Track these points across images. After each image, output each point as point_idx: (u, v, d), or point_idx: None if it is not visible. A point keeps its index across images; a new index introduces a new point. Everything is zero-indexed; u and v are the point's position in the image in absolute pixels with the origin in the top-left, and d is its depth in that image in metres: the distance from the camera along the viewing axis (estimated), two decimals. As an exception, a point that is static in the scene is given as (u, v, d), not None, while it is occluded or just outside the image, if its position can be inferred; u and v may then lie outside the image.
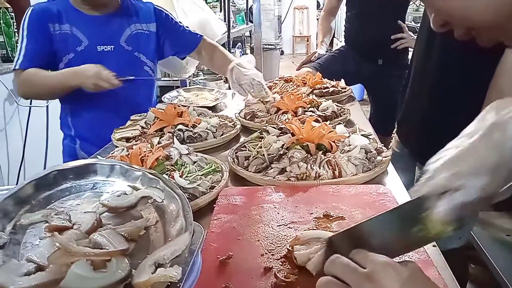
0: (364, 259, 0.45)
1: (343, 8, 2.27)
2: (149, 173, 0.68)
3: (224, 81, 4.55)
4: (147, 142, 1.02)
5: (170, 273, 0.44)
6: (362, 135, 1.05)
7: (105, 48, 1.41)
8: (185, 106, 1.39)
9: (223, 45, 4.88)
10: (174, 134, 1.16)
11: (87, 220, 0.57)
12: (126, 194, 0.65)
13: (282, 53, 7.90)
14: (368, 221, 0.51)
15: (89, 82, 1.28)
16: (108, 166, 0.70)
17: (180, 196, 0.61)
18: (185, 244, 0.50)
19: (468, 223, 1.16)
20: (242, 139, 1.27)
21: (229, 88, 1.72)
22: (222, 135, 1.24)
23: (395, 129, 1.53)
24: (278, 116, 1.36)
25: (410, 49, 2.11)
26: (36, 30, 1.35)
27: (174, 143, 1.00)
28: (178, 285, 0.45)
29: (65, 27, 1.37)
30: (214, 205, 0.80)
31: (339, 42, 3.71)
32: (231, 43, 4.88)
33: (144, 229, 0.57)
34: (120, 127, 1.30)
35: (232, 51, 4.98)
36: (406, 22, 2.08)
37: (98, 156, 0.99)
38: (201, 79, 4.39)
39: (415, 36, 2.01)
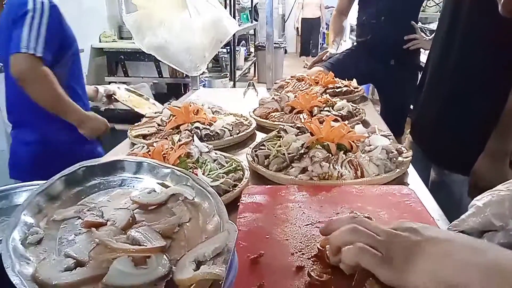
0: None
1: (354, 8, 2.28)
2: (178, 170, 0.68)
3: (229, 79, 4.56)
4: (168, 139, 1.02)
5: (214, 271, 0.44)
6: (382, 135, 1.06)
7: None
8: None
9: (227, 44, 4.90)
10: (192, 132, 1.17)
11: (121, 217, 0.57)
12: (156, 191, 0.65)
13: (285, 52, 7.92)
14: None
15: (96, 130, 1.39)
16: (135, 163, 0.70)
17: (213, 194, 0.61)
18: (225, 242, 0.50)
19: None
20: (257, 137, 1.28)
21: (234, 86, 1.72)
22: (238, 133, 1.25)
23: (409, 130, 1.53)
24: (293, 115, 1.37)
25: (421, 50, 2.11)
26: (57, 24, 1.39)
27: (194, 141, 1.01)
28: (220, 282, 0.45)
29: None
30: (238, 204, 0.80)
31: (343, 42, 3.70)
32: (236, 41, 4.90)
33: (178, 226, 0.57)
34: (135, 124, 1.30)
35: (237, 48, 5.01)
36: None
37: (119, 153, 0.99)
38: (206, 77, 4.40)
39: (428, 37, 2.03)
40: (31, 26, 1.34)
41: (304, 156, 0.96)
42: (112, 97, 1.95)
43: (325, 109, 1.38)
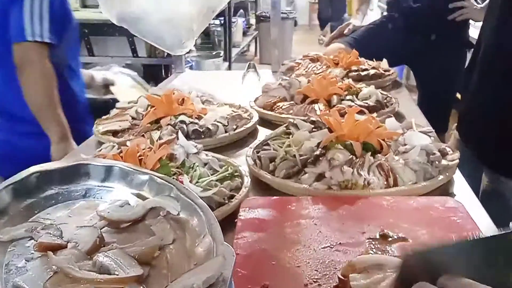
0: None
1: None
2: (158, 177, 0.68)
3: (223, 59, 4.56)
4: (145, 137, 1.02)
5: (206, 308, 0.44)
6: (420, 131, 1.06)
7: None
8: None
9: (221, 13, 4.91)
10: (176, 127, 1.17)
11: (86, 237, 0.57)
12: (130, 204, 0.65)
13: (295, 24, 7.91)
14: (456, 244, 0.51)
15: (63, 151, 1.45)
16: (103, 168, 0.70)
17: (203, 208, 0.60)
18: (219, 270, 0.50)
19: None
20: (261, 134, 1.28)
21: (229, 68, 1.72)
22: (235, 129, 1.25)
23: (455, 125, 1.53)
24: (306, 106, 1.37)
25: (471, 21, 2.11)
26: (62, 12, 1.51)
27: (178, 139, 1.01)
28: (214, 322, 0.45)
29: None
30: (236, 220, 0.80)
31: (370, 11, 3.70)
32: (232, 10, 4.91)
33: (159, 249, 0.57)
34: (103, 117, 1.31)
35: (233, 20, 5.02)
36: None
37: (82, 154, 0.99)
38: (193, 56, 4.41)
39: (480, 5, 2.02)
40: (32, 9, 1.42)
41: (320, 158, 0.95)
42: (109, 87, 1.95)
43: (347, 98, 1.38)
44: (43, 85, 1.46)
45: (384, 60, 1.81)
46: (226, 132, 1.23)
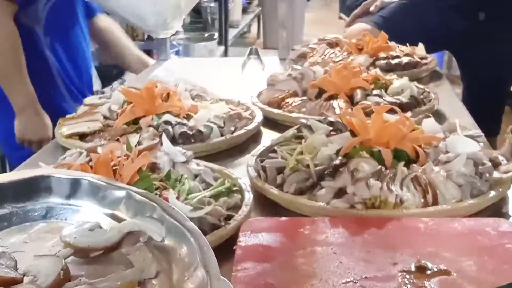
0: None
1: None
2: (138, 193, 0.68)
3: (218, 43, 4.57)
4: (120, 141, 1.02)
5: None
6: (466, 136, 1.06)
7: None
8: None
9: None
10: (159, 129, 1.16)
11: (47, 269, 0.57)
12: (102, 227, 0.66)
13: (308, -2, 7.94)
14: None
15: (34, 131, 1.59)
16: (68, 181, 0.71)
17: (194, 232, 0.61)
18: (214, 312, 0.50)
19: None
20: (265, 138, 1.28)
21: (226, 54, 1.72)
22: (233, 131, 1.25)
23: (510, 127, 1.53)
24: (323, 103, 1.37)
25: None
26: None
27: (162, 144, 1.01)
28: None
29: None
30: (235, 247, 0.80)
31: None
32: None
33: (138, 285, 0.57)
34: (68, 115, 1.31)
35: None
36: None
37: (41, 163, 1.00)
38: (180, 39, 4.42)
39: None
40: None
41: (340, 169, 0.95)
42: None
43: (374, 92, 1.38)
44: (5, 47, 1.55)
45: (420, 45, 1.81)
46: (222, 135, 1.22)
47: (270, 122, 1.37)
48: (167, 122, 1.19)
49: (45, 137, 1.66)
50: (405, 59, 1.69)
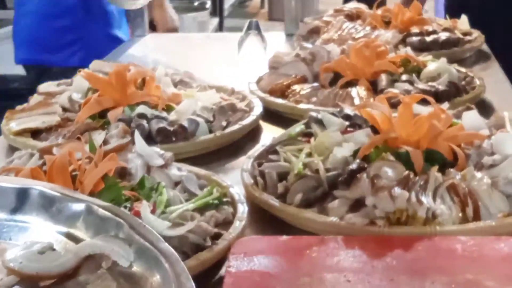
0: None
1: None
2: (101, 206, 0.68)
3: (210, 14, 4.56)
4: (82, 139, 1.02)
5: None
6: (517, 133, 1.06)
7: None
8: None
9: None
10: (132, 124, 1.16)
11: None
12: (55, 249, 0.66)
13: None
14: None
15: None
16: (14, 191, 0.71)
17: (169, 256, 0.61)
18: None
19: None
20: (265, 136, 1.29)
21: (220, 28, 1.71)
22: (225, 127, 1.25)
23: None
24: (338, 91, 1.37)
25: None
26: None
27: (134, 144, 1.01)
28: None
29: None
30: (224, 273, 0.80)
31: None
32: None
33: (98, 323, 0.58)
34: (18, 106, 1.31)
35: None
36: None
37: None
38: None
39: None
40: None
41: (358, 176, 0.95)
42: None
43: (403, 78, 1.38)
44: None
45: (463, 17, 1.81)
46: (211, 132, 1.23)
47: (271, 115, 1.37)
48: (141, 116, 1.19)
49: None
50: (443, 35, 1.70)
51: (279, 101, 1.39)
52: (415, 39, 1.68)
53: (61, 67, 2.24)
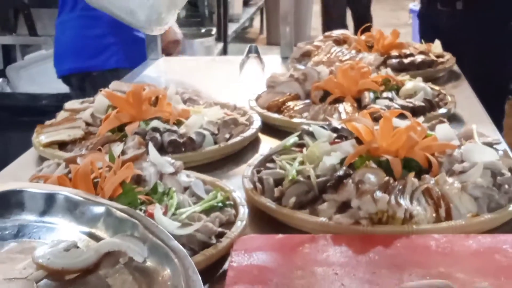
0: None
1: None
2: (119, 209, 0.68)
3: (216, 39, 4.56)
4: (102, 151, 1.03)
5: None
6: (484, 143, 1.06)
7: None
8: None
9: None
10: (146, 137, 1.16)
11: (17, 294, 0.57)
12: (78, 247, 0.66)
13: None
14: None
15: None
16: (43, 196, 0.71)
17: (179, 252, 0.61)
18: None
19: None
20: (264, 146, 1.29)
21: (225, 52, 1.72)
22: (229, 139, 1.25)
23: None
24: (327, 107, 1.37)
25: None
26: None
27: (149, 154, 1.01)
28: None
29: None
30: (227, 267, 0.80)
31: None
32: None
33: (117, 311, 0.58)
34: (47, 122, 1.31)
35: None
36: None
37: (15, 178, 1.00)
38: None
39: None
40: None
41: (344, 181, 0.95)
42: None
43: (384, 95, 1.38)
44: None
45: (437, 42, 1.82)
46: (215, 143, 1.23)
47: (269, 128, 1.38)
48: (155, 129, 1.20)
49: None
50: (419, 58, 1.70)
51: (276, 116, 1.40)
52: (394, 61, 1.69)
53: (99, 71, 2.25)
